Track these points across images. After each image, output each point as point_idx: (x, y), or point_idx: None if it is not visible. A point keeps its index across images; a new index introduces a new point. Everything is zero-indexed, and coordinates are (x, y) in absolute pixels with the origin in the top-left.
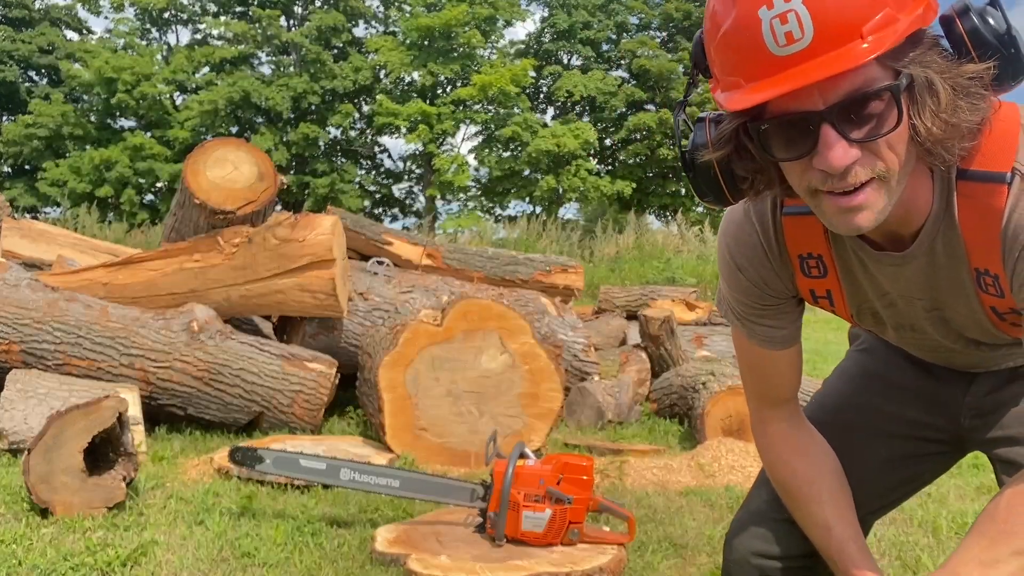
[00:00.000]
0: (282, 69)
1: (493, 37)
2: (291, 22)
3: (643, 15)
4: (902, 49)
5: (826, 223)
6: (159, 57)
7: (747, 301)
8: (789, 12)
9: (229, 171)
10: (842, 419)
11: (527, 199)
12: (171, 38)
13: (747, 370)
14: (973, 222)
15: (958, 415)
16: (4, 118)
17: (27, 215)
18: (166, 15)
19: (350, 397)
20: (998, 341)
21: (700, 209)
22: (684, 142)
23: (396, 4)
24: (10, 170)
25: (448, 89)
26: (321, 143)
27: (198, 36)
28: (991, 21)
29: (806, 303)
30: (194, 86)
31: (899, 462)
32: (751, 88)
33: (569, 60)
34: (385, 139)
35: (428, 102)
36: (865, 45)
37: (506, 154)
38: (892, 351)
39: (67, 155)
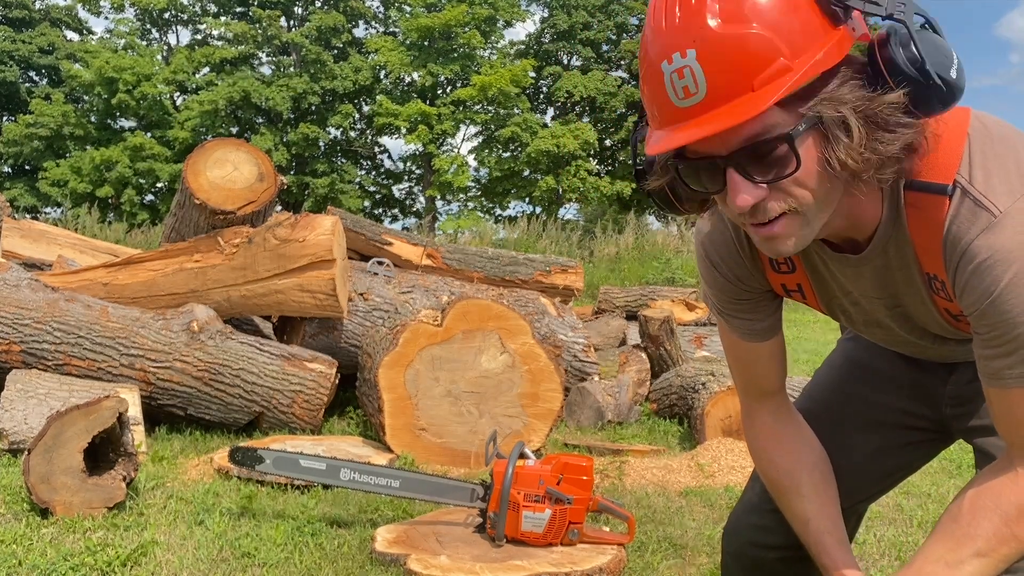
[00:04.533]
0: (282, 69)
1: (493, 38)
2: (291, 22)
3: (643, 16)
4: (811, 89)
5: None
6: (159, 57)
7: (724, 296)
8: (685, 68)
9: (229, 171)
10: (831, 410)
11: (527, 199)
12: (171, 38)
13: (733, 363)
14: (921, 231)
15: (940, 403)
16: (5, 118)
17: (27, 215)
18: (166, 15)
19: (350, 397)
20: (962, 337)
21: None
22: (639, 161)
23: (396, 5)
24: (10, 170)
25: (448, 89)
26: (321, 143)
27: (198, 36)
28: (911, 49)
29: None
30: (194, 86)
31: (888, 450)
32: (659, 135)
33: (569, 61)
34: (385, 139)
35: (428, 102)
36: (757, 97)
37: (506, 154)
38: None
39: (67, 155)
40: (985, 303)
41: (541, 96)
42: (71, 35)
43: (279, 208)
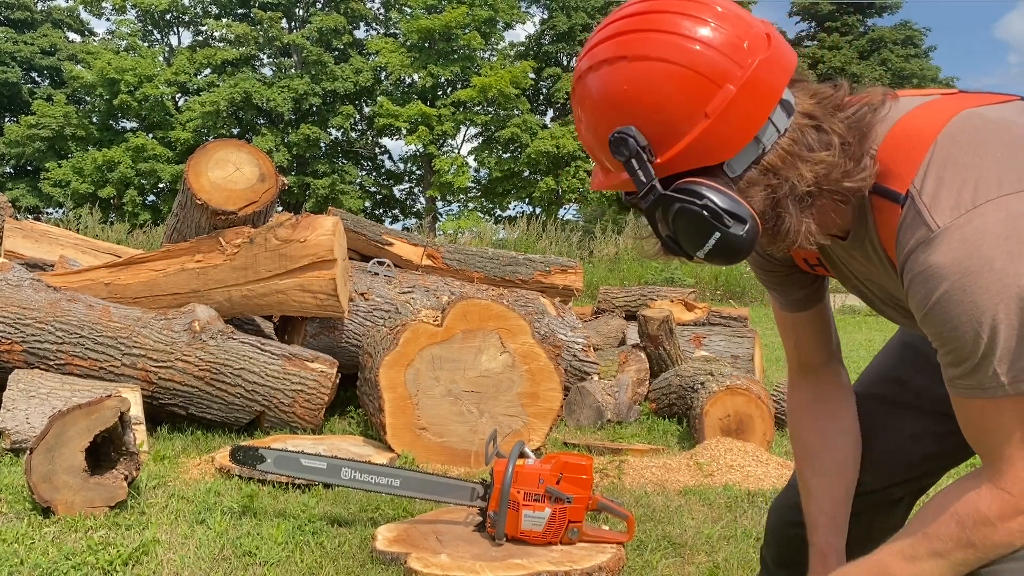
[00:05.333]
0: (283, 71)
1: (493, 39)
2: (292, 24)
3: None
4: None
5: None
6: (161, 59)
7: (759, 270)
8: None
9: (231, 172)
10: (873, 392)
11: (527, 200)
12: (173, 40)
13: (781, 333)
14: (885, 233)
15: None
16: (7, 119)
17: (29, 216)
18: (168, 17)
19: (351, 397)
20: None
21: None
22: None
23: (397, 6)
24: (12, 171)
25: (448, 91)
26: (322, 144)
27: (200, 38)
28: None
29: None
30: (196, 87)
31: (923, 437)
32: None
33: (568, 62)
34: (386, 140)
35: (428, 104)
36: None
37: (506, 155)
38: None
39: (69, 156)
40: (922, 312)
41: (541, 97)
42: (73, 36)
43: (280, 209)
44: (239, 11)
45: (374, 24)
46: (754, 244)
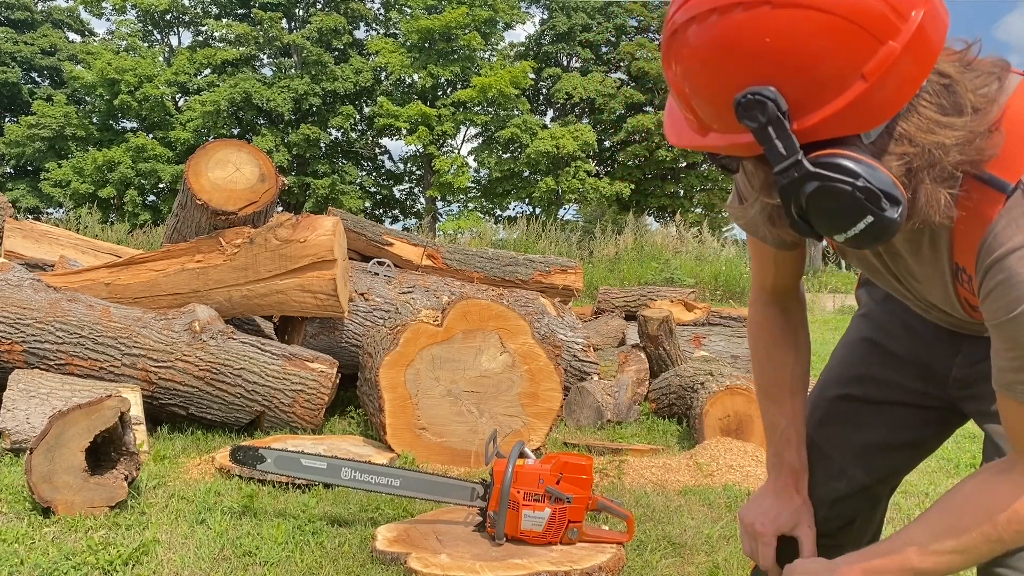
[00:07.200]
0: (283, 71)
1: (493, 39)
2: (292, 24)
3: (642, 18)
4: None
5: None
6: (161, 59)
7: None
8: None
9: (231, 172)
10: (847, 393)
11: (526, 200)
12: (173, 40)
13: (756, 262)
14: (965, 220)
15: (945, 385)
16: (7, 119)
17: (29, 216)
18: (168, 17)
19: (351, 397)
20: (974, 321)
21: (699, 210)
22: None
23: (397, 6)
24: (13, 171)
25: (448, 91)
26: (322, 144)
27: (200, 38)
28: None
29: None
30: (196, 87)
31: (900, 429)
32: None
33: (568, 62)
34: (386, 140)
35: (428, 104)
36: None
37: (506, 155)
38: (888, 316)
39: (70, 156)
40: (1004, 318)
41: (541, 97)
42: (73, 36)
43: (280, 209)
44: (239, 11)
45: (374, 24)
46: (902, 227)
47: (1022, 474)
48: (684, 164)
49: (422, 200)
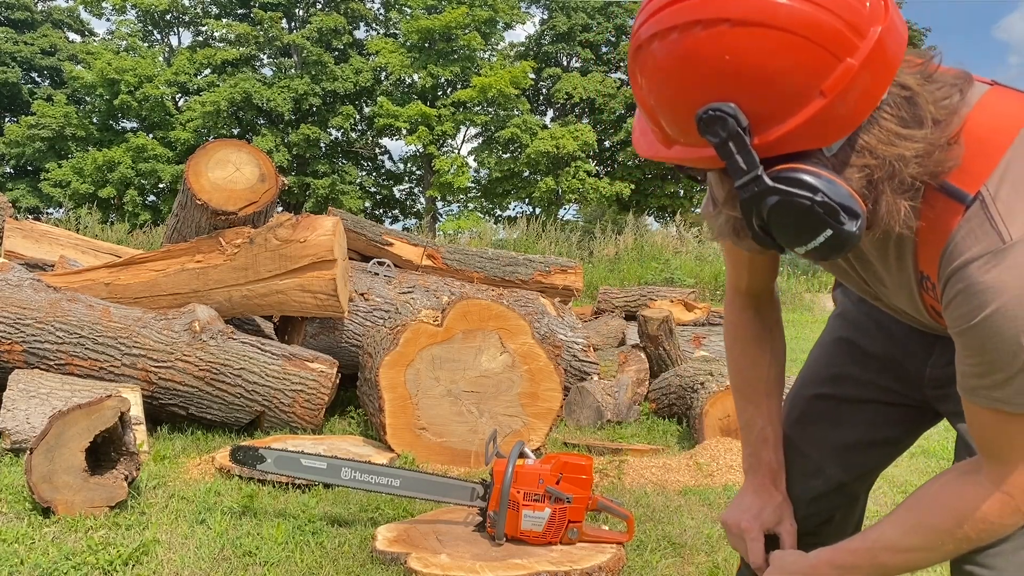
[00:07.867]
0: (283, 71)
1: (493, 39)
2: (292, 24)
3: None
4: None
5: None
6: (161, 59)
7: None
8: None
9: (231, 172)
10: (823, 393)
11: (526, 200)
12: (173, 40)
13: (730, 264)
14: (926, 231)
15: (920, 385)
16: (7, 119)
17: (29, 216)
18: (168, 17)
19: (351, 397)
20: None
21: (699, 210)
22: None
23: (397, 6)
24: (13, 171)
25: (448, 91)
26: (322, 144)
27: (200, 38)
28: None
29: None
30: (196, 87)
31: (878, 427)
32: None
33: (568, 62)
34: (386, 140)
35: (428, 104)
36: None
37: (506, 156)
38: (863, 316)
39: (70, 156)
40: (965, 326)
41: (541, 97)
42: (73, 36)
43: (280, 209)
44: (239, 11)
45: (374, 24)
46: (861, 238)
47: (988, 475)
48: None
49: (422, 200)
